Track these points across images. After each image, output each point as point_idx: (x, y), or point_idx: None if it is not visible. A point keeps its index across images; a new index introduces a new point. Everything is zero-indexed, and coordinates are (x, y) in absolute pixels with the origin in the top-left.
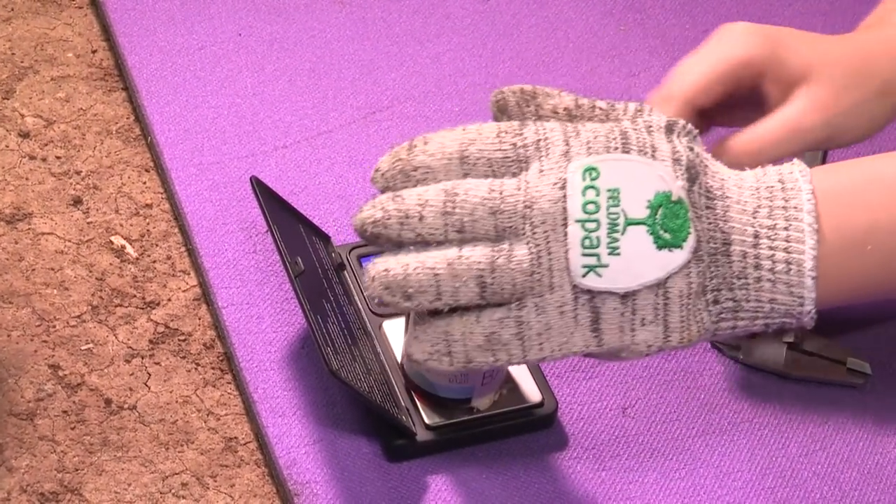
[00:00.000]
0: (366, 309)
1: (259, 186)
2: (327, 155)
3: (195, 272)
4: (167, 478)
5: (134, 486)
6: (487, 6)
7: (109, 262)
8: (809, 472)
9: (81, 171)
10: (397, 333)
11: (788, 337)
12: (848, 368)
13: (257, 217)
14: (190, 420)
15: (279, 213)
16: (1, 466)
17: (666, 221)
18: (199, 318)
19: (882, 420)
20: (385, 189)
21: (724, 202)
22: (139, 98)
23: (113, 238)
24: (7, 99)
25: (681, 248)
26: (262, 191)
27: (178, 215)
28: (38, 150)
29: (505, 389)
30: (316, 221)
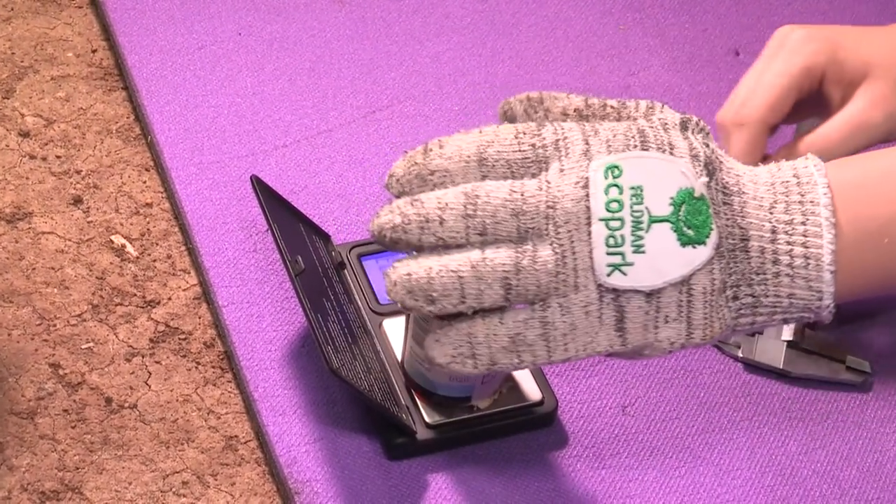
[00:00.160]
0: (366, 307)
1: (259, 185)
2: (327, 154)
3: (195, 271)
4: (168, 476)
5: (134, 484)
6: (487, 5)
7: (110, 261)
8: (809, 470)
9: (82, 171)
10: (397, 332)
11: (788, 335)
12: (847, 367)
13: (257, 216)
14: (190, 419)
15: (279, 212)
16: (2, 465)
17: (689, 218)
18: (200, 317)
19: (881, 418)
20: (401, 194)
21: (740, 198)
22: (139, 97)
23: (113, 237)
24: (7, 98)
25: (704, 245)
26: (262, 190)
27: (178, 214)
28: (38, 149)
29: (505, 388)
30: (316, 220)
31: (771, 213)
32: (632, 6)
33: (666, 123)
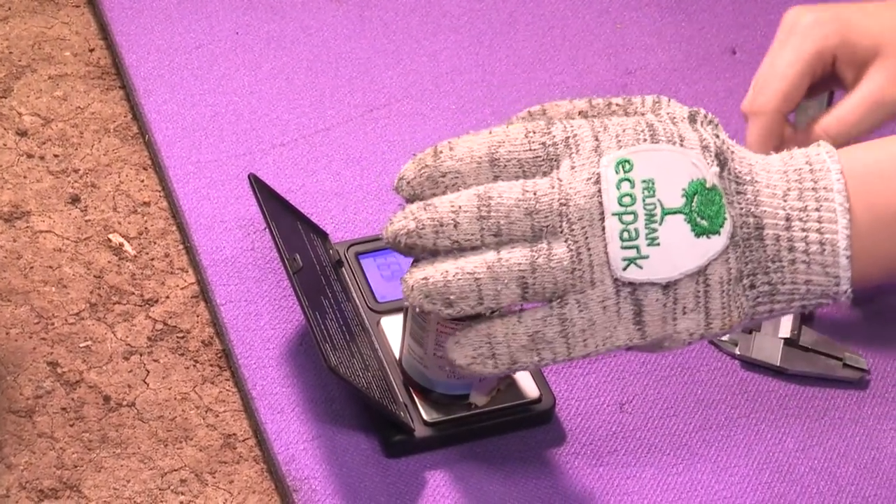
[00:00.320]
0: (363, 306)
1: (257, 184)
2: (325, 153)
3: (193, 269)
4: (166, 474)
5: (133, 482)
6: (484, 4)
7: (108, 259)
8: (806, 466)
9: (79, 170)
10: (395, 330)
11: (785, 332)
12: (844, 364)
13: (255, 214)
14: (188, 417)
15: (277, 211)
16: (0, 463)
17: (702, 209)
18: (198, 316)
19: (878, 415)
20: (412, 197)
21: (753, 187)
22: (137, 96)
23: (111, 236)
24: (5, 98)
25: (718, 235)
26: (260, 188)
27: (176, 213)
28: (35, 148)
29: (502, 385)
30: (314, 219)
31: (785, 201)
32: (629, 5)
33: (674, 117)
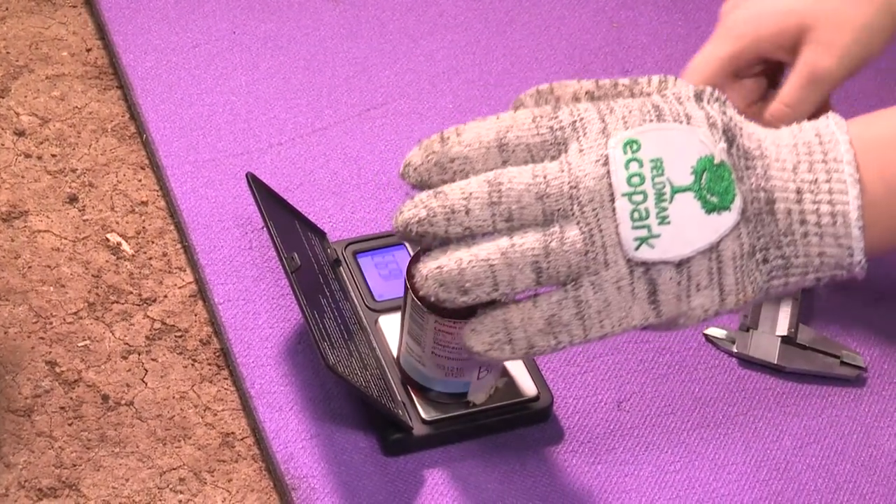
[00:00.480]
0: (361, 304)
1: (255, 183)
2: (322, 152)
3: (191, 269)
4: (164, 473)
5: (131, 481)
6: (481, 4)
7: (105, 259)
8: (804, 464)
9: (77, 169)
10: (393, 329)
11: (783, 330)
12: (842, 362)
13: (253, 214)
14: (187, 416)
15: (275, 210)
16: None
17: (712, 185)
18: (196, 315)
19: (876, 413)
20: (419, 183)
21: (763, 161)
22: (134, 96)
23: (109, 235)
24: (2, 97)
25: (729, 210)
26: (258, 187)
27: (173, 212)
28: (33, 148)
29: (500, 384)
30: (311, 218)
31: (795, 174)
32: (625, 4)
33: (679, 97)
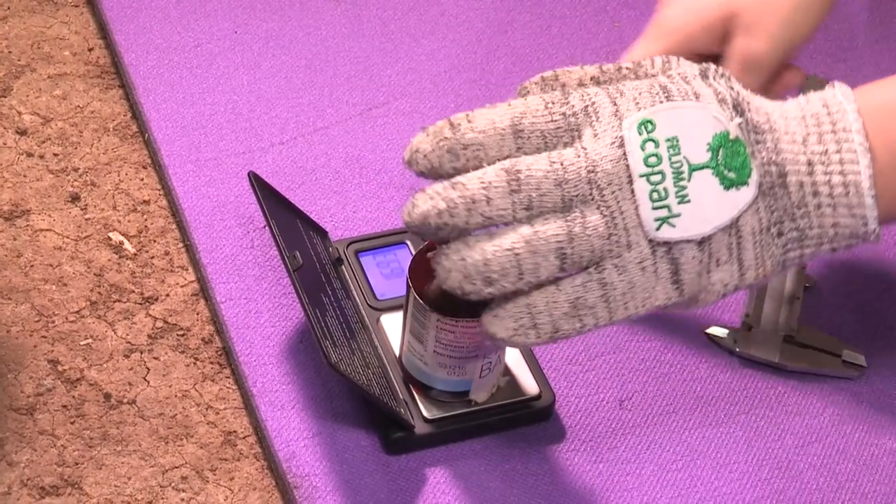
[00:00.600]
0: (363, 303)
1: (257, 182)
2: (324, 151)
3: (193, 268)
4: (167, 471)
5: (134, 479)
6: (482, 3)
7: (108, 257)
8: (805, 463)
9: (79, 168)
10: (395, 327)
11: (784, 329)
12: (843, 361)
13: (255, 213)
14: (189, 414)
15: (277, 209)
16: (1, 461)
17: (728, 161)
18: (198, 313)
19: (877, 412)
20: (429, 170)
21: (772, 135)
22: (136, 95)
23: (111, 234)
24: (4, 97)
25: (747, 185)
26: (259, 186)
27: (175, 211)
28: (35, 147)
29: (502, 382)
30: (313, 217)
31: (805, 146)
32: (626, 3)
33: (685, 75)
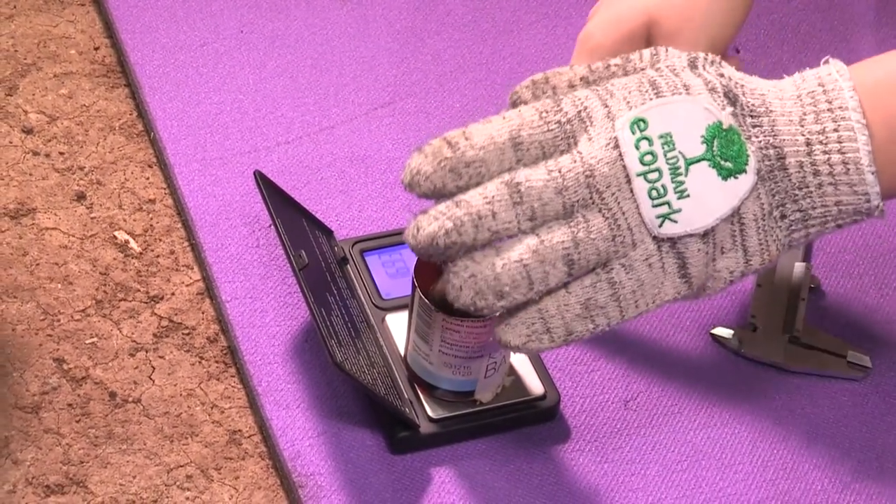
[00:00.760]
0: (368, 302)
1: (263, 181)
2: (329, 150)
3: (198, 267)
4: (172, 470)
5: (139, 478)
6: (488, 3)
7: (113, 256)
8: (810, 464)
9: (85, 167)
10: (400, 327)
11: (789, 330)
12: (848, 362)
13: (260, 212)
14: (194, 413)
15: (282, 208)
16: (7, 459)
17: (724, 151)
18: (203, 312)
19: (883, 413)
20: (432, 191)
21: (769, 117)
22: (142, 94)
23: (116, 233)
24: (10, 95)
25: (745, 173)
26: (265, 185)
27: (181, 210)
28: (41, 146)
29: (508, 382)
30: (319, 216)
31: (802, 126)
32: None
33: (674, 68)
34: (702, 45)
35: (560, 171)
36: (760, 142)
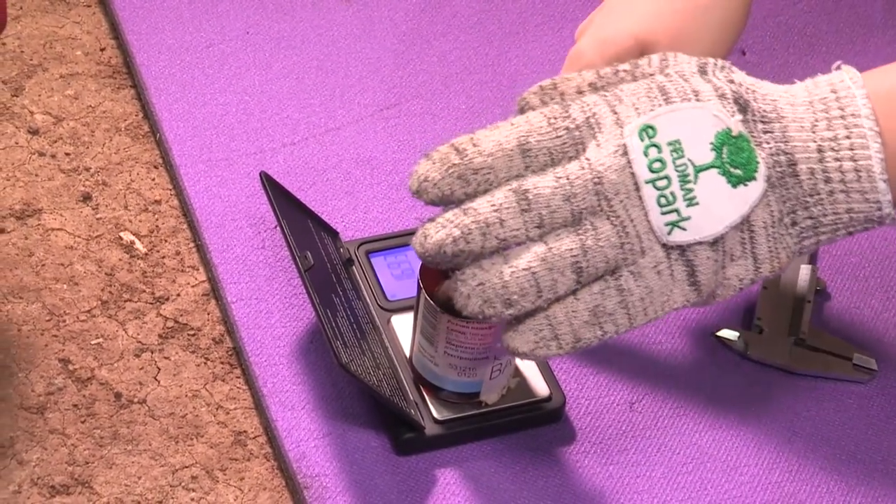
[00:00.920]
0: (374, 304)
1: (268, 182)
2: (335, 152)
3: (204, 268)
4: (177, 471)
5: (144, 479)
6: (494, 4)
7: (119, 257)
8: (816, 466)
9: (91, 168)
10: (406, 328)
11: (794, 332)
12: (854, 364)
13: (266, 213)
14: (199, 414)
15: (288, 209)
16: (12, 459)
17: (733, 158)
18: (209, 313)
19: (888, 415)
20: (440, 198)
21: (780, 123)
22: (148, 95)
23: (122, 234)
24: (16, 96)
25: (755, 180)
26: (271, 186)
27: (186, 211)
28: (47, 146)
29: (513, 384)
30: (324, 217)
31: (814, 133)
32: None
33: (683, 73)
34: None
35: (568, 179)
36: (771, 148)
